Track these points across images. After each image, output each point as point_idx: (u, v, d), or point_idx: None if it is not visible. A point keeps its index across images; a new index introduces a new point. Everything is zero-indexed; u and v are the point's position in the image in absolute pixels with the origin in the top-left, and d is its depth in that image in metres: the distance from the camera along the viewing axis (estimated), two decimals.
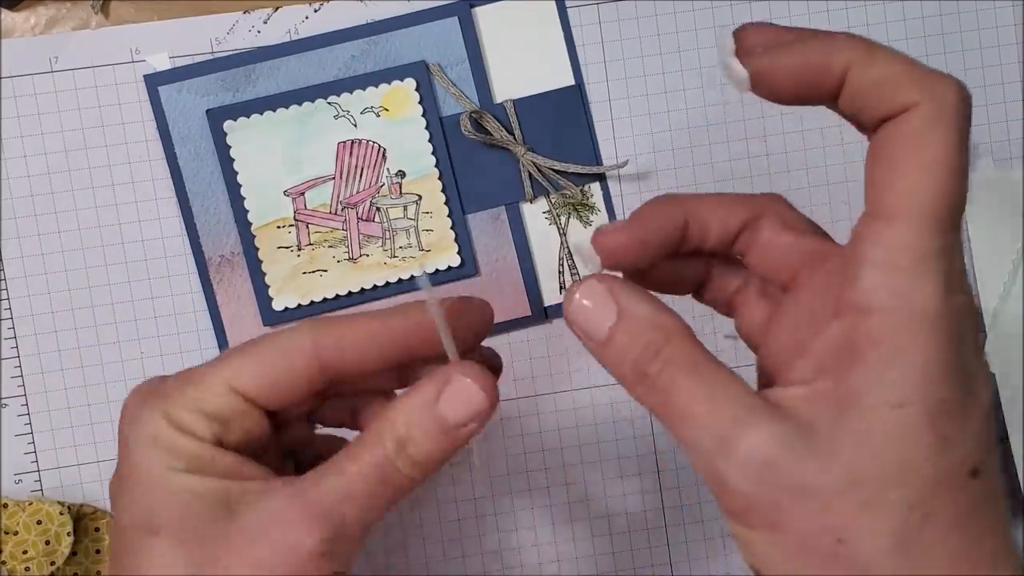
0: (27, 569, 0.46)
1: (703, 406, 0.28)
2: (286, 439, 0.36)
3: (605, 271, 0.31)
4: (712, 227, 0.32)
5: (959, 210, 0.27)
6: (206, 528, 0.31)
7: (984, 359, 0.28)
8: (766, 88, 0.29)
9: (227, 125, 0.46)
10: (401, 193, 0.47)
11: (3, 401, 0.47)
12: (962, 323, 0.27)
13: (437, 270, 0.47)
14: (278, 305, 0.47)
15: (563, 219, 0.48)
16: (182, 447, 0.32)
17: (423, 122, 0.47)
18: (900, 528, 0.26)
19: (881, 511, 0.26)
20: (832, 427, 0.27)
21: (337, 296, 0.47)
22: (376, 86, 0.47)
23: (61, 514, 0.46)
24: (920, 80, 0.27)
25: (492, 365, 0.37)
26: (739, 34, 0.29)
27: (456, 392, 0.32)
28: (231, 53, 0.47)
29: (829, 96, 0.28)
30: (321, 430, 0.38)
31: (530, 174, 0.48)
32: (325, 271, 0.47)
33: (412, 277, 0.47)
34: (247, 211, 0.47)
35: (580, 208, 0.48)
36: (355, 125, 0.47)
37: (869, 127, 0.28)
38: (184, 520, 0.31)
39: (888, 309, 0.26)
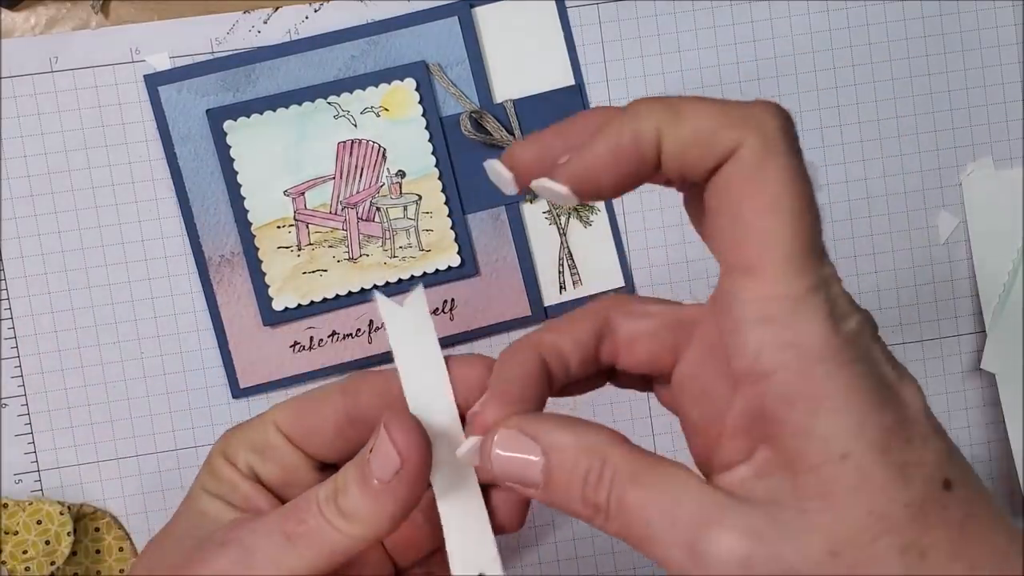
0: (27, 569, 0.46)
1: (661, 521, 0.26)
2: None
3: (512, 416, 0.29)
4: (570, 355, 0.31)
5: (817, 235, 0.25)
6: (194, 543, 0.33)
7: (898, 364, 0.26)
8: (590, 190, 0.27)
9: (227, 125, 0.46)
10: (401, 193, 0.47)
11: (3, 401, 0.47)
12: (861, 344, 0.25)
13: (437, 270, 0.47)
14: (278, 305, 0.47)
15: (563, 219, 0.48)
16: (219, 471, 0.35)
17: (423, 122, 0.47)
18: None
19: (874, 568, 0.24)
20: (793, 498, 0.25)
21: (337, 296, 0.47)
22: (376, 86, 0.47)
23: (61, 514, 0.46)
24: (735, 119, 0.25)
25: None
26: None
27: (378, 444, 0.30)
28: (231, 53, 0.47)
29: (652, 169, 0.26)
30: None
31: None
32: (325, 271, 0.47)
33: (412, 277, 0.47)
34: (247, 211, 0.47)
35: (580, 208, 0.48)
36: (355, 125, 0.47)
37: (700, 183, 0.26)
38: (185, 537, 0.33)
39: (784, 367, 0.25)
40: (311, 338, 0.47)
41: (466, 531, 0.31)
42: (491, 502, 0.32)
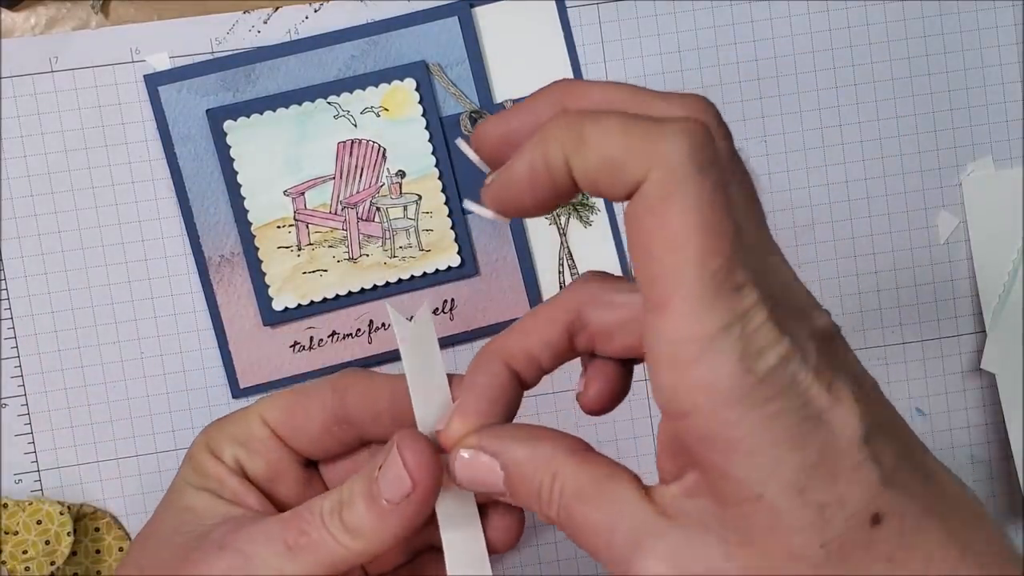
0: (27, 569, 0.46)
1: (600, 538, 0.27)
2: None
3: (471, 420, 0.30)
4: (540, 355, 0.31)
5: (732, 262, 0.24)
6: (185, 539, 0.33)
7: (838, 381, 0.25)
8: (513, 212, 0.27)
9: (227, 125, 0.46)
10: (401, 193, 0.47)
11: (3, 401, 0.47)
12: (782, 379, 0.24)
13: (437, 270, 0.47)
14: (278, 305, 0.47)
15: (563, 219, 0.48)
16: (204, 465, 0.35)
17: (423, 122, 0.47)
18: None
19: None
20: (718, 524, 0.25)
21: (337, 296, 0.47)
22: (376, 86, 0.47)
23: (61, 514, 0.46)
24: (639, 149, 0.24)
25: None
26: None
27: (388, 467, 0.30)
28: (231, 53, 0.47)
29: (570, 191, 0.26)
30: None
31: None
32: (325, 271, 0.47)
33: (412, 276, 0.47)
34: (247, 211, 0.47)
35: (580, 208, 0.48)
36: (355, 125, 0.47)
37: (620, 200, 0.26)
38: (174, 533, 0.33)
39: (696, 410, 0.24)
40: (311, 338, 0.47)
41: (464, 552, 0.31)
42: (487, 523, 0.32)
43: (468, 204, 0.29)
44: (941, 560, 0.24)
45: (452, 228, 0.47)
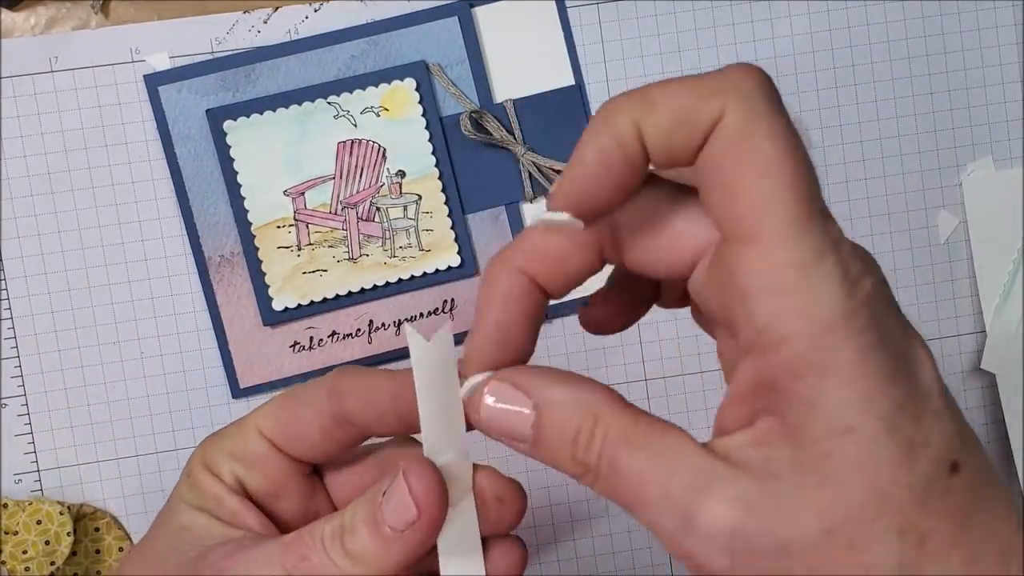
0: (27, 569, 0.46)
1: (653, 485, 0.25)
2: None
3: (498, 372, 0.28)
4: (568, 259, 0.28)
5: (817, 194, 0.24)
6: (181, 561, 0.32)
7: (910, 328, 0.25)
8: (590, 209, 0.26)
9: (227, 125, 0.46)
10: (401, 193, 0.47)
11: (3, 401, 0.47)
12: (876, 310, 0.24)
13: (437, 270, 0.47)
14: (278, 305, 0.47)
15: None
16: (201, 483, 0.34)
17: (423, 122, 0.47)
18: (897, 561, 0.23)
19: (870, 550, 0.23)
20: (791, 471, 0.24)
21: (337, 296, 0.47)
22: (376, 86, 0.47)
23: (61, 514, 0.46)
24: (711, 90, 0.24)
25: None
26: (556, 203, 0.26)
27: (393, 493, 0.29)
28: (231, 53, 0.47)
29: (643, 165, 0.25)
30: None
31: (530, 174, 0.48)
32: (325, 271, 0.47)
33: (412, 276, 0.47)
34: (247, 211, 0.47)
35: None
36: (355, 125, 0.47)
37: (689, 163, 0.25)
38: (169, 553, 0.32)
39: (793, 337, 0.23)
40: (311, 338, 0.47)
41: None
42: (488, 558, 0.31)
43: (543, 216, 0.27)
44: (1003, 523, 0.24)
45: (452, 228, 0.47)
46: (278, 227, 0.47)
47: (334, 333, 0.48)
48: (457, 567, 0.30)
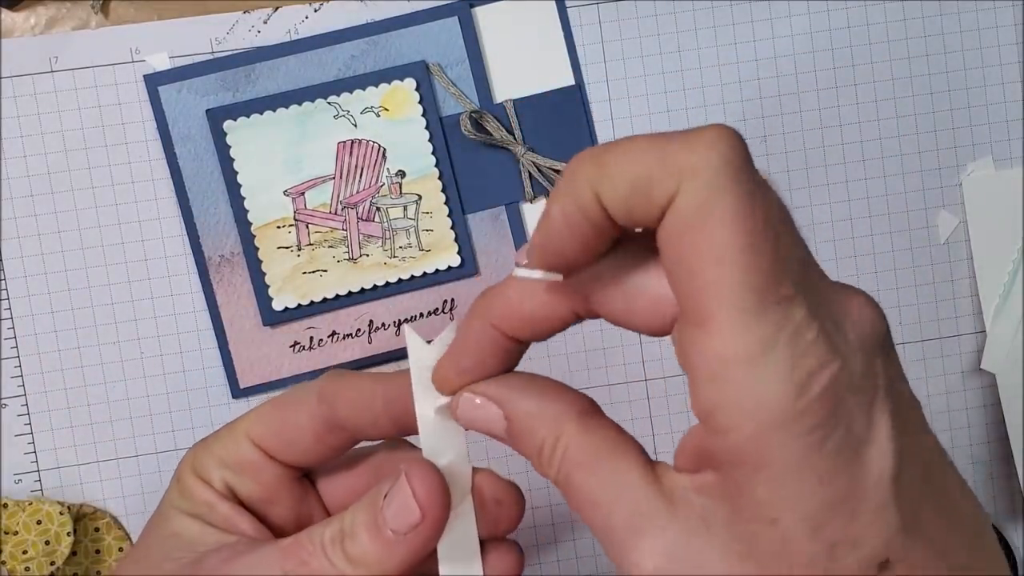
0: (27, 569, 0.46)
1: (598, 512, 0.26)
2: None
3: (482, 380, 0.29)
4: (536, 324, 0.28)
5: (778, 275, 0.23)
6: (176, 567, 0.32)
7: (868, 399, 0.24)
8: (564, 265, 0.26)
9: (227, 125, 0.46)
10: (401, 193, 0.47)
11: (3, 401, 0.47)
12: (827, 403, 0.23)
13: (437, 270, 0.47)
14: (278, 305, 0.47)
15: None
16: (192, 490, 0.33)
17: (423, 122, 0.47)
18: None
19: None
20: (723, 529, 0.24)
21: (337, 296, 0.47)
22: (376, 86, 0.47)
23: (61, 514, 0.46)
24: (668, 164, 0.23)
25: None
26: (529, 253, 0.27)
27: (395, 496, 0.29)
28: (231, 53, 0.47)
29: (610, 226, 0.25)
30: None
31: (530, 174, 0.48)
32: (325, 271, 0.47)
33: (412, 276, 0.47)
34: (247, 211, 0.47)
35: None
36: (355, 125, 0.47)
37: (654, 227, 0.25)
38: (162, 560, 0.32)
39: (732, 430, 0.23)
40: (311, 338, 0.47)
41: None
42: (486, 561, 0.31)
43: (517, 272, 0.27)
44: None
45: (452, 228, 0.47)
46: (278, 227, 0.47)
47: (334, 333, 0.48)
48: (456, 570, 0.30)
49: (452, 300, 0.48)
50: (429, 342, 0.30)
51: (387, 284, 0.47)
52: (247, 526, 0.33)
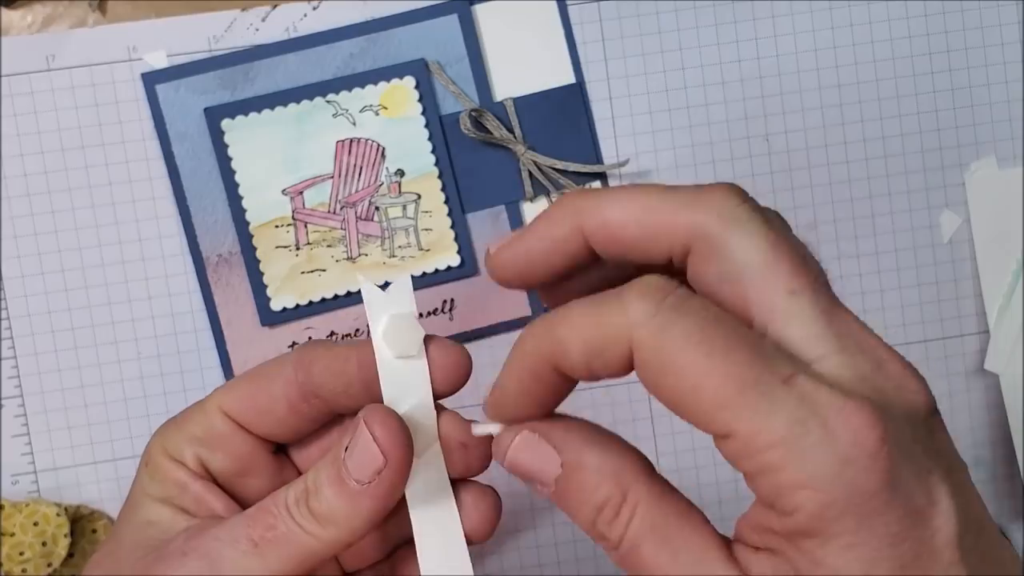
0: (24, 571, 0.46)
1: (673, 573, 0.25)
2: None
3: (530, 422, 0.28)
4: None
5: (764, 360, 0.24)
6: (143, 553, 0.31)
7: (935, 460, 0.24)
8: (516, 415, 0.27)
9: (225, 124, 0.46)
10: (400, 192, 0.47)
11: (0, 402, 0.47)
12: (883, 465, 0.23)
13: (437, 270, 0.47)
14: (276, 305, 0.47)
15: None
16: (163, 472, 0.33)
17: (422, 120, 0.47)
18: None
19: None
20: None
21: (336, 296, 0.47)
22: (375, 84, 0.46)
23: (58, 515, 0.46)
24: (611, 322, 0.24)
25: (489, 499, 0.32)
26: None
27: (355, 444, 0.29)
28: (229, 51, 0.47)
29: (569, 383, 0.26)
30: None
31: (530, 173, 0.47)
32: (324, 271, 0.47)
33: (412, 277, 0.47)
34: (245, 210, 0.47)
35: None
36: (354, 124, 0.47)
37: (626, 372, 0.25)
38: (134, 549, 0.32)
39: (795, 510, 0.24)
40: (309, 338, 0.47)
41: (437, 534, 0.30)
42: (461, 507, 0.31)
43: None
44: None
45: (452, 227, 0.47)
46: (276, 226, 0.47)
47: (332, 333, 0.47)
48: (429, 518, 0.30)
49: (452, 300, 0.48)
50: (385, 287, 0.30)
51: (386, 284, 0.47)
52: (219, 505, 0.32)
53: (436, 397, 0.30)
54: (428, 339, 0.31)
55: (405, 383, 0.30)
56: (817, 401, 0.23)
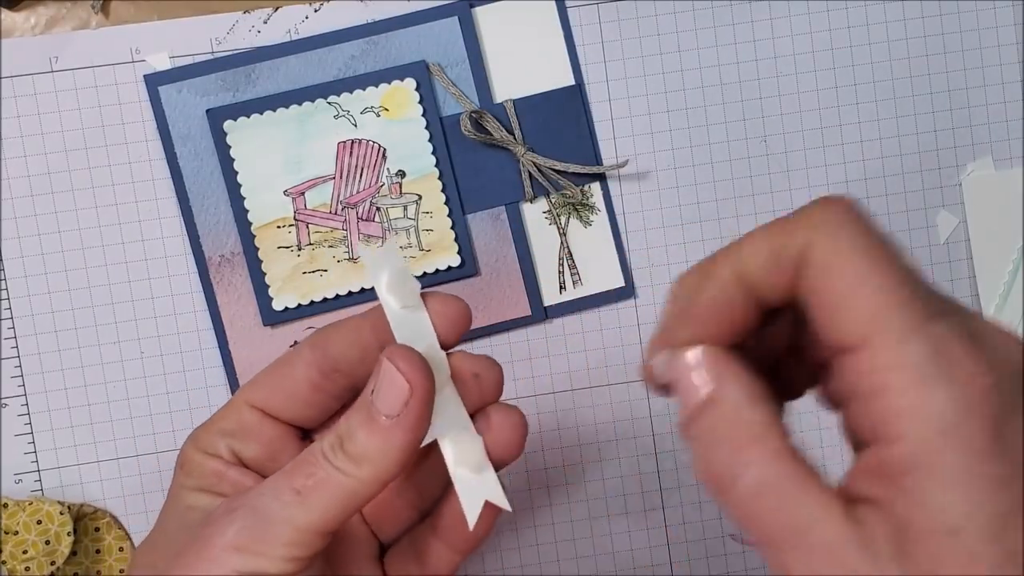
0: (27, 569, 0.46)
1: (788, 542, 0.25)
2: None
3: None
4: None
5: (920, 296, 0.24)
6: (191, 531, 0.32)
7: (1018, 412, 0.24)
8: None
9: (227, 125, 0.46)
10: (401, 193, 0.47)
11: (3, 401, 0.47)
12: (993, 410, 0.24)
13: (437, 270, 0.47)
14: (278, 305, 0.47)
15: (563, 219, 0.48)
16: (199, 466, 0.34)
17: (423, 122, 0.47)
18: None
19: None
20: (902, 553, 0.24)
21: (337, 296, 0.47)
22: (376, 86, 0.47)
23: (61, 514, 0.46)
24: (795, 231, 0.26)
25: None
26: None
27: (383, 379, 0.30)
28: (231, 53, 0.47)
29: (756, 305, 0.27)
30: None
31: (530, 174, 0.48)
32: (325, 271, 0.47)
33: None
34: (247, 211, 0.47)
35: (580, 208, 0.48)
36: (355, 125, 0.47)
37: (789, 295, 0.26)
38: (179, 532, 0.33)
39: (904, 437, 0.24)
40: None
41: (467, 464, 0.32)
42: (489, 429, 0.32)
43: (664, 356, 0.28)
44: None
45: (452, 228, 0.47)
46: (278, 227, 0.47)
47: None
48: (457, 450, 0.32)
49: None
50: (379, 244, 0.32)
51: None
52: (255, 483, 0.33)
53: (443, 347, 0.32)
54: (426, 295, 0.32)
55: (413, 330, 0.32)
56: (951, 340, 0.24)
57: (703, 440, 0.27)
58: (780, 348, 0.30)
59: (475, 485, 0.32)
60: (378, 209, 0.47)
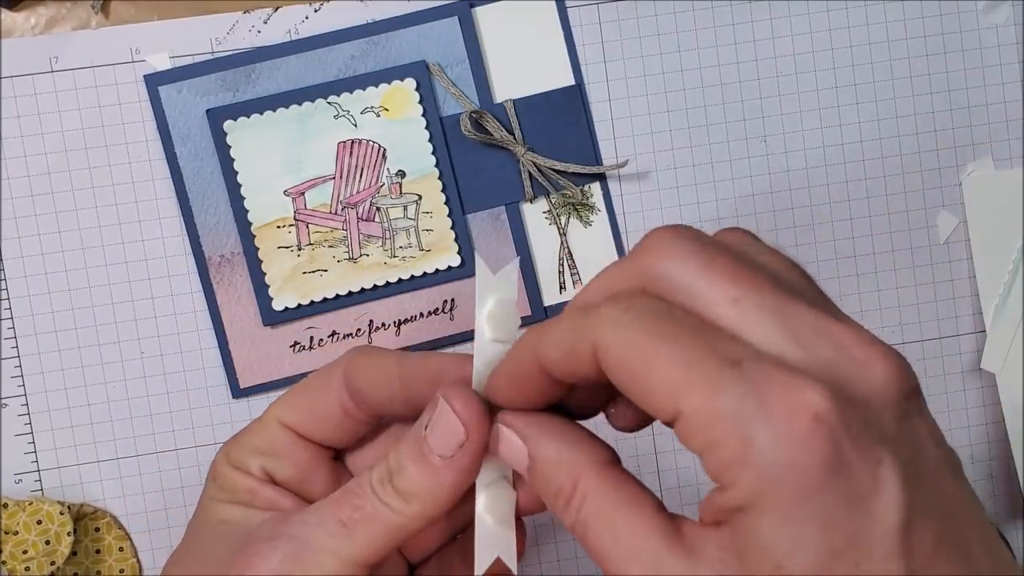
0: (27, 569, 0.46)
1: (613, 564, 0.26)
2: None
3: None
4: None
5: (711, 345, 0.25)
6: (229, 547, 0.32)
7: (873, 454, 0.24)
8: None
9: (227, 125, 0.46)
10: (401, 193, 0.47)
11: (3, 401, 0.47)
12: (826, 445, 0.23)
13: (437, 270, 0.47)
14: (278, 305, 0.47)
15: (563, 219, 0.48)
16: (231, 481, 0.34)
17: (423, 122, 0.47)
18: None
19: None
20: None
21: (337, 296, 0.47)
22: (376, 86, 0.47)
23: (61, 514, 0.46)
24: (588, 321, 0.26)
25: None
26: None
27: (438, 419, 0.30)
28: (231, 53, 0.47)
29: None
30: None
31: (530, 174, 0.48)
32: (325, 271, 0.47)
33: (412, 277, 0.47)
34: (247, 211, 0.47)
35: (580, 208, 0.48)
36: (355, 125, 0.47)
37: (598, 377, 0.27)
38: (214, 544, 0.33)
39: (738, 483, 0.24)
40: (311, 338, 0.47)
41: (495, 514, 0.31)
42: (521, 490, 0.32)
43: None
44: None
45: (452, 228, 0.47)
46: (278, 227, 0.47)
47: (334, 333, 0.48)
48: (488, 491, 0.31)
49: (452, 300, 0.48)
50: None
51: (387, 284, 0.47)
52: (290, 503, 0.34)
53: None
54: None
55: (490, 365, 0.31)
56: (761, 380, 0.24)
57: (541, 494, 0.29)
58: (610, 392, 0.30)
59: (494, 538, 0.31)
60: (378, 209, 0.47)
